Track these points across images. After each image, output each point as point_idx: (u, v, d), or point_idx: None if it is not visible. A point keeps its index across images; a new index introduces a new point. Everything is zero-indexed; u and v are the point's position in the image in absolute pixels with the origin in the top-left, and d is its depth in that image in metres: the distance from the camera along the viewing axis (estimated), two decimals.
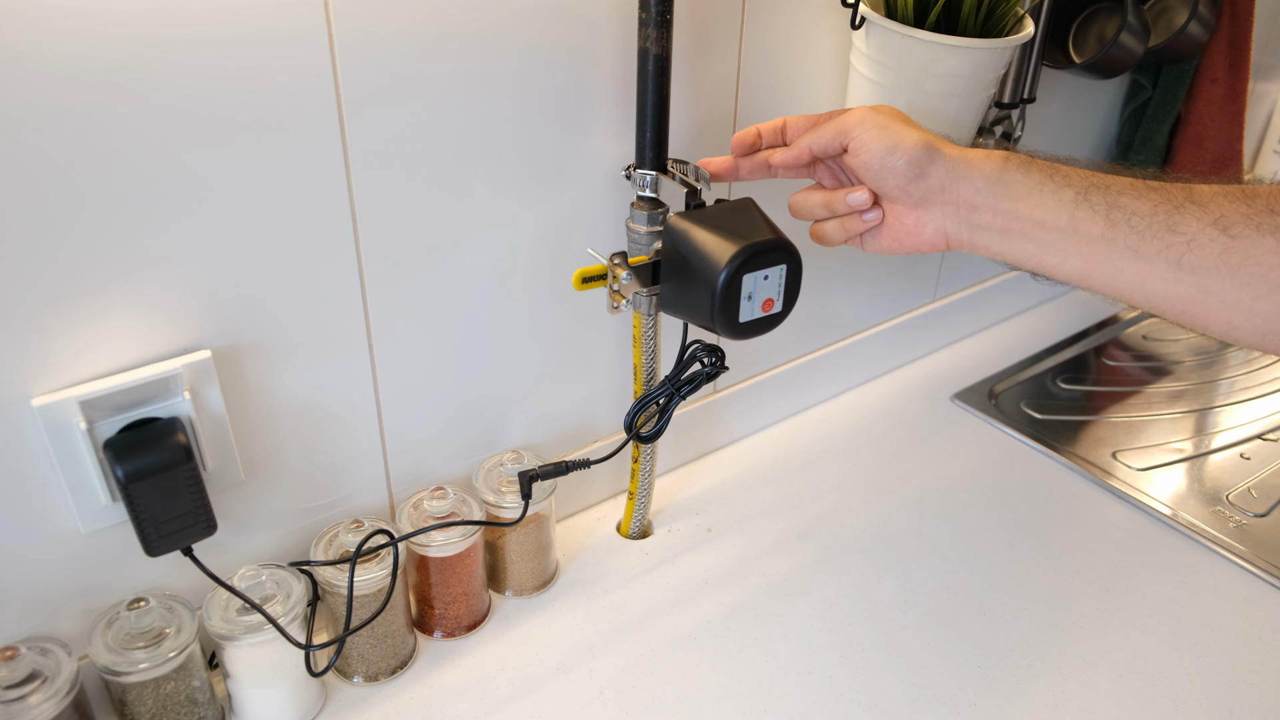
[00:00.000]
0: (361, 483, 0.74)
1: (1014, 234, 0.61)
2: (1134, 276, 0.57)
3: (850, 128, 0.64)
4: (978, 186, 0.61)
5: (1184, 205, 0.55)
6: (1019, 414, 1.08)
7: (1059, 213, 0.59)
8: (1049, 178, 0.60)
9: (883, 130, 0.63)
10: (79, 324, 0.57)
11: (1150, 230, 0.56)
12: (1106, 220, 0.57)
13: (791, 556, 0.86)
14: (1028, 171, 0.60)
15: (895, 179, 0.63)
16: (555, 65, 0.68)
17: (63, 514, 0.61)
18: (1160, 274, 0.56)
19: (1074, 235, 0.59)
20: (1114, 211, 0.57)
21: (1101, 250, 0.58)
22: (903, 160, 0.62)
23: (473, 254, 0.71)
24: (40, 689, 0.59)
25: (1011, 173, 0.60)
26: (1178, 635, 0.79)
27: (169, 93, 0.54)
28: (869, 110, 0.65)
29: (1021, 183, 0.60)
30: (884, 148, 0.62)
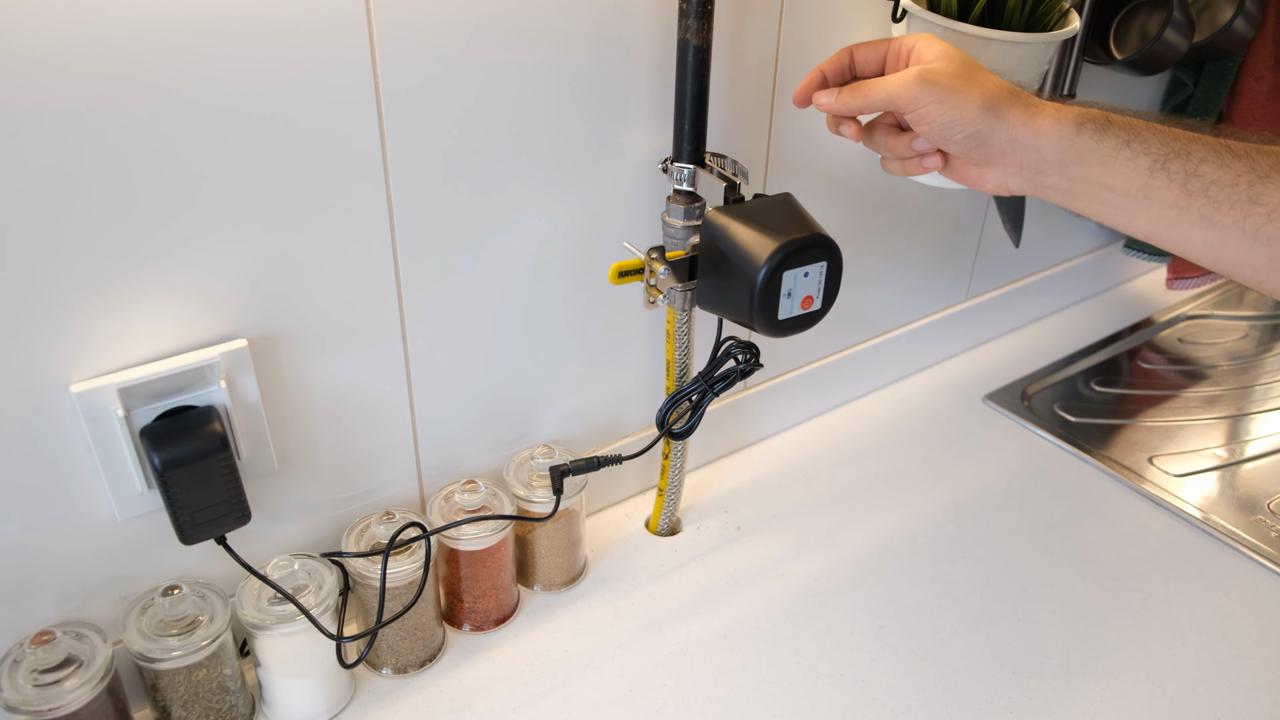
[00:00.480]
0: (393, 474, 0.74)
1: (1081, 195, 0.59)
2: (1204, 243, 0.55)
3: (907, 102, 0.60)
4: (1044, 154, 0.59)
5: (1269, 175, 0.52)
6: (1052, 416, 1.06)
7: (1132, 180, 0.56)
8: (1125, 144, 0.56)
9: (941, 104, 0.59)
10: (117, 311, 0.57)
11: (1229, 200, 0.53)
12: (1183, 189, 0.55)
13: (822, 557, 0.85)
14: (1101, 138, 0.57)
15: (955, 148, 0.61)
16: (593, 56, 0.68)
17: (99, 500, 0.61)
18: (1234, 242, 0.54)
19: (1146, 201, 0.56)
20: (1192, 180, 0.54)
21: (1174, 216, 0.56)
22: (961, 135, 0.60)
23: (507, 247, 0.71)
24: (75, 674, 0.60)
25: (1084, 141, 0.57)
26: (1218, 646, 0.77)
27: (210, 84, 0.54)
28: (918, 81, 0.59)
29: (1094, 150, 0.57)
30: (942, 124, 0.60)
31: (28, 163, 0.50)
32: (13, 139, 0.49)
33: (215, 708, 0.66)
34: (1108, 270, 1.28)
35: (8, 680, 0.59)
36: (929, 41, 0.62)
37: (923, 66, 0.60)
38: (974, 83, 0.60)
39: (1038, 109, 0.59)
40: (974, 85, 0.59)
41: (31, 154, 0.50)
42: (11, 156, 0.50)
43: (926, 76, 0.59)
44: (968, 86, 0.59)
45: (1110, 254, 1.25)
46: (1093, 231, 1.22)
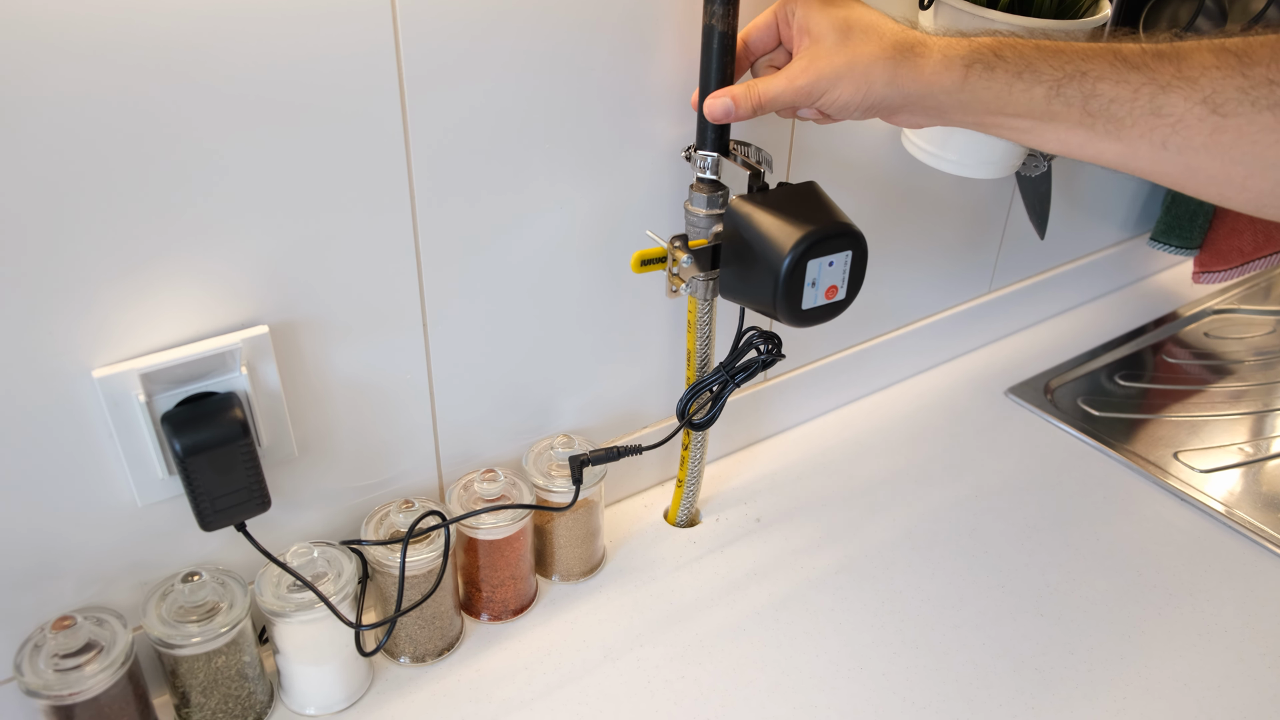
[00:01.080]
0: (412, 462, 0.74)
1: (989, 126, 0.59)
2: (1116, 156, 0.55)
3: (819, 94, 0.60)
4: (941, 101, 0.59)
5: (1171, 84, 0.51)
6: (1075, 410, 1.05)
7: (1031, 108, 0.56)
8: (1017, 76, 0.56)
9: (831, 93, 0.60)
10: (139, 296, 0.56)
11: (1131, 116, 0.52)
12: (1083, 110, 0.54)
13: (842, 549, 0.84)
14: (992, 76, 0.56)
15: (857, 118, 0.62)
16: (616, 42, 0.67)
17: (120, 486, 0.61)
18: (1144, 154, 0.53)
19: (1051, 123, 0.56)
20: (1091, 101, 0.54)
21: (1081, 136, 0.55)
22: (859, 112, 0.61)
23: (529, 234, 0.70)
24: (96, 659, 0.60)
25: (974, 82, 0.57)
26: (1245, 644, 0.76)
27: (231, 70, 0.53)
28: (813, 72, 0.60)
29: (987, 88, 0.57)
30: (839, 107, 0.60)
31: (50, 148, 0.50)
32: (34, 124, 0.49)
33: (234, 694, 0.66)
34: (1133, 263, 1.26)
35: (29, 665, 0.59)
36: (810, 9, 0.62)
37: (805, 65, 0.60)
38: (856, 54, 0.59)
39: (923, 58, 0.58)
40: (858, 58, 0.59)
41: (53, 139, 0.50)
42: (33, 141, 0.50)
43: (813, 74, 0.60)
44: (851, 63, 0.59)
45: (1136, 247, 1.24)
46: (1119, 224, 1.21)
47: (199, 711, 0.65)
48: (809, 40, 0.62)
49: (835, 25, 0.60)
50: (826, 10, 0.61)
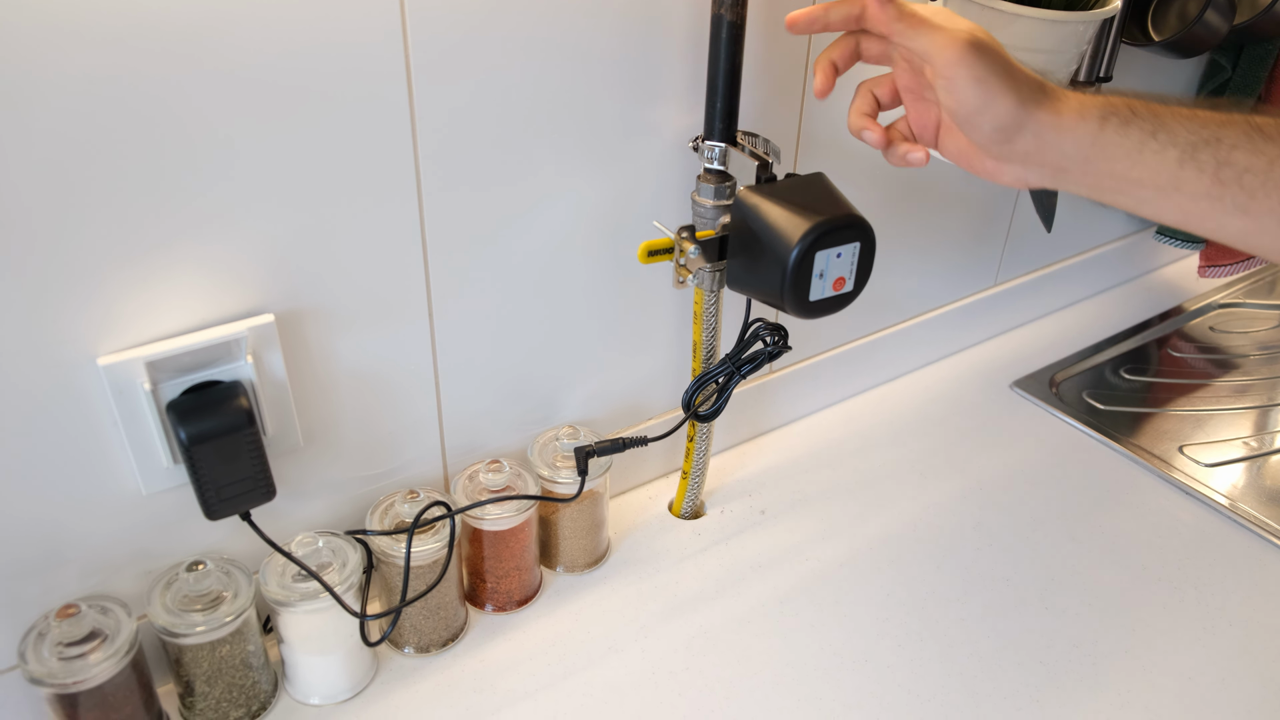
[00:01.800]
0: (417, 453, 0.74)
1: (1106, 189, 0.56)
2: (1239, 231, 0.53)
3: (943, 65, 0.55)
4: (1068, 152, 0.55)
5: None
6: (1080, 403, 1.05)
7: (1160, 172, 0.53)
8: (1151, 136, 0.53)
9: (979, 84, 0.54)
10: (144, 284, 0.56)
11: (1264, 188, 0.51)
12: (1214, 179, 0.52)
13: (847, 542, 0.84)
14: (1126, 132, 0.54)
15: (978, 136, 0.57)
16: (623, 32, 0.66)
17: (125, 475, 0.61)
18: (1271, 229, 0.51)
19: (1176, 193, 0.53)
20: (1224, 169, 0.52)
21: (1205, 207, 0.53)
22: (990, 125, 0.56)
23: (535, 224, 0.70)
24: (100, 647, 0.60)
25: (1109, 135, 0.54)
26: (1250, 638, 0.76)
27: (239, 56, 0.53)
28: (968, 48, 0.54)
29: (1119, 144, 0.54)
30: (974, 106, 0.55)
31: (56, 133, 0.50)
32: (41, 109, 0.49)
33: (238, 683, 0.66)
34: (1139, 257, 1.26)
35: (33, 653, 0.59)
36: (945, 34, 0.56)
37: (973, 34, 0.55)
38: (1009, 75, 0.55)
39: (1062, 102, 0.55)
40: (1009, 77, 0.55)
41: (60, 124, 0.50)
42: (40, 127, 0.49)
43: (979, 45, 0.54)
44: (1005, 75, 0.55)
45: (1142, 240, 1.23)
46: (1124, 218, 1.20)
47: (203, 700, 0.65)
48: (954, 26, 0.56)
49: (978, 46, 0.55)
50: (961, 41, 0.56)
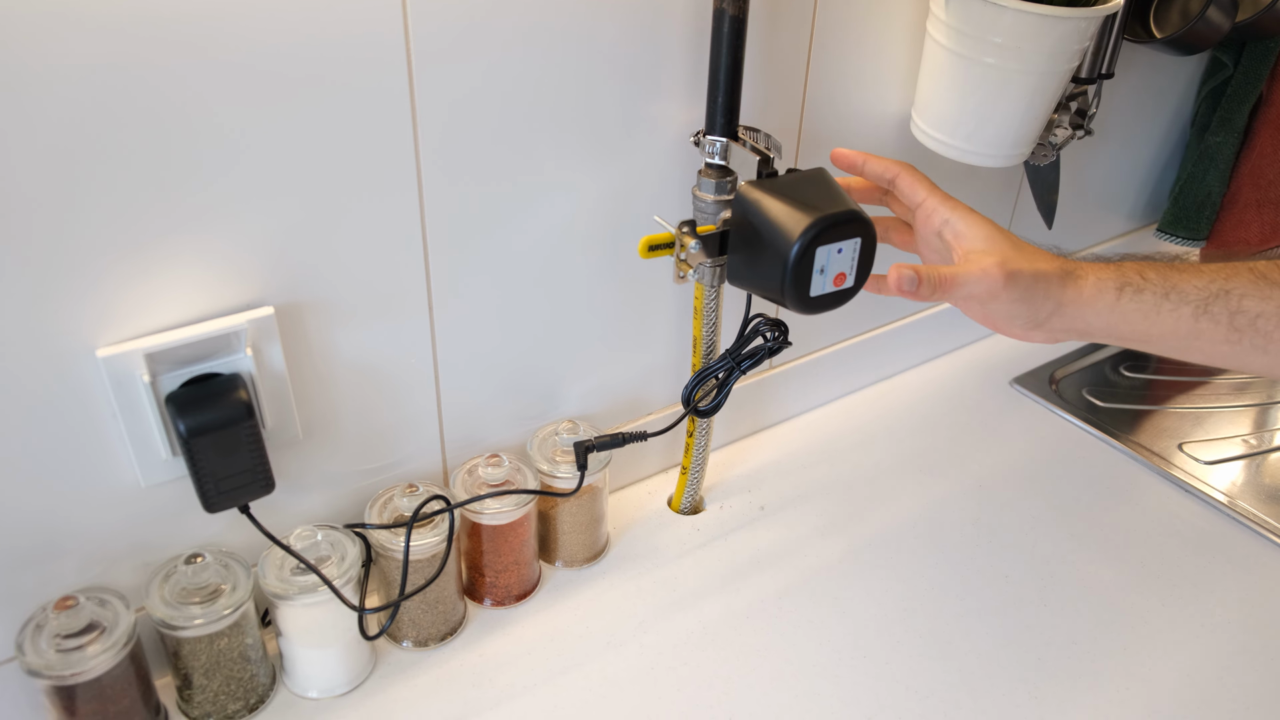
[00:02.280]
0: (416, 446, 0.74)
1: (1132, 344, 0.61)
2: (1264, 368, 0.58)
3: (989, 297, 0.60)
4: (1091, 322, 0.60)
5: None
6: (1080, 400, 1.05)
7: (1178, 328, 0.58)
8: (1164, 297, 0.58)
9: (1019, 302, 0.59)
10: (144, 276, 0.56)
11: (1279, 330, 0.55)
12: (1230, 327, 0.57)
13: (846, 538, 0.84)
14: (1141, 298, 0.58)
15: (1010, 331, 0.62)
16: (625, 25, 0.66)
17: (123, 467, 0.61)
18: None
19: (1196, 340, 0.58)
20: (1237, 318, 0.56)
21: (1225, 350, 0.58)
22: (1023, 325, 0.61)
23: (535, 218, 0.70)
24: (99, 639, 0.60)
25: (1125, 304, 0.59)
26: (1248, 635, 0.76)
27: (238, 45, 0.53)
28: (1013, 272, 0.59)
29: (1136, 310, 0.59)
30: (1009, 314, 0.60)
31: (55, 122, 0.50)
32: (40, 98, 0.49)
33: (236, 676, 0.66)
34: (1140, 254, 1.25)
35: (30, 645, 0.59)
36: (967, 219, 0.62)
37: (1003, 260, 0.59)
38: (1038, 267, 0.59)
39: (1082, 280, 0.60)
40: (1040, 270, 0.59)
41: (59, 113, 0.49)
42: (39, 116, 0.49)
43: (1014, 276, 0.58)
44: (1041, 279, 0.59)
45: (1143, 237, 1.23)
46: (1126, 215, 1.20)
47: (201, 693, 0.65)
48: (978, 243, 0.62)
49: (1005, 236, 0.62)
50: (987, 222, 0.62)
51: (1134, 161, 1.16)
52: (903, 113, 0.86)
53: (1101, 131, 1.05)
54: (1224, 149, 1.12)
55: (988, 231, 0.62)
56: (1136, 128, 1.12)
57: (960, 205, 0.64)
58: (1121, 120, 1.09)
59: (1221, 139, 1.12)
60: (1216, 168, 1.13)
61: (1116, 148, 1.11)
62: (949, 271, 0.60)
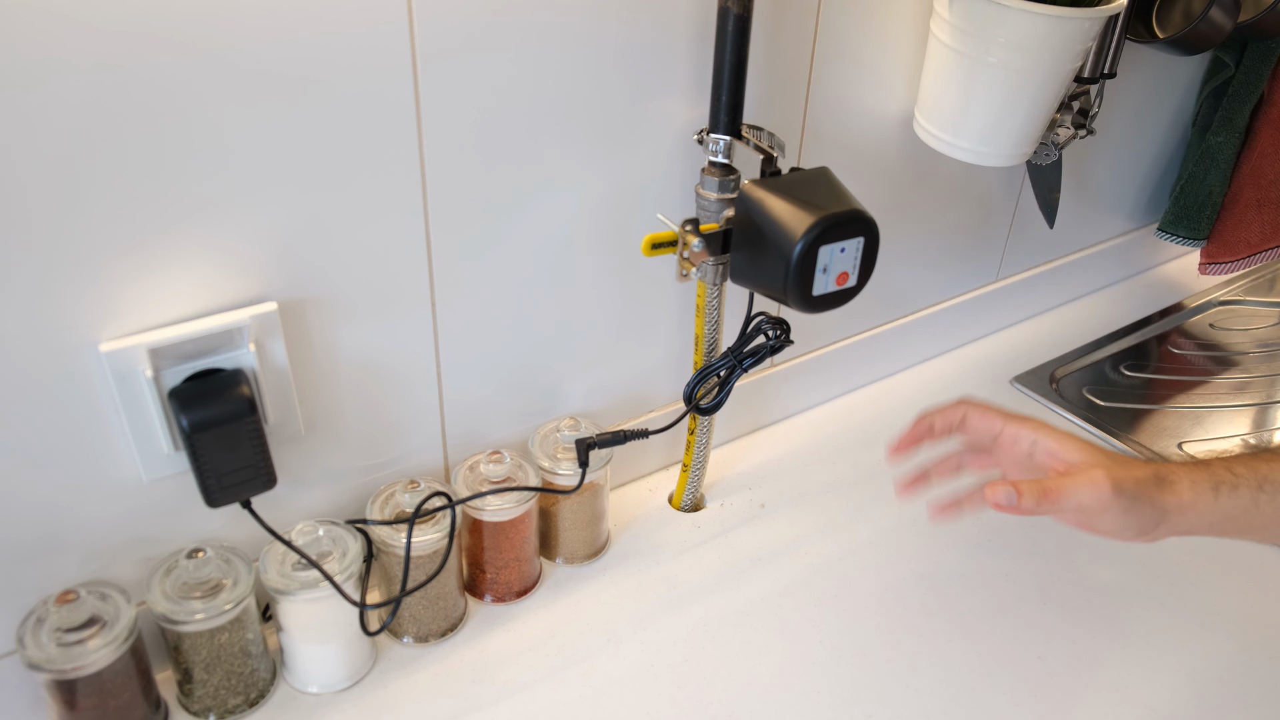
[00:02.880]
0: (418, 443, 0.74)
1: (1230, 534, 0.63)
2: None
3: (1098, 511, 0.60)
4: (1195, 525, 0.61)
5: None
6: (1081, 399, 1.05)
7: (1276, 516, 0.61)
8: (1259, 490, 0.60)
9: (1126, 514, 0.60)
10: (147, 271, 0.56)
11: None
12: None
13: (846, 536, 0.84)
14: (1237, 494, 0.60)
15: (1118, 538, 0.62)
16: (629, 23, 0.66)
17: (125, 461, 0.61)
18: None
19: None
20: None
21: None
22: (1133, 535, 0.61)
23: (538, 215, 0.70)
24: (99, 634, 0.60)
25: (1224, 502, 0.61)
26: (1248, 635, 0.76)
27: (243, 43, 0.53)
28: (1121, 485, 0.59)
29: (1235, 506, 0.61)
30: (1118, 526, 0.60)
31: (58, 119, 0.50)
32: (43, 95, 0.49)
33: (237, 671, 0.66)
34: (1140, 254, 1.26)
35: (31, 638, 0.59)
36: (1056, 437, 0.63)
37: (1108, 471, 0.60)
38: (1139, 477, 0.60)
39: (1175, 483, 0.61)
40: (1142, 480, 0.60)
41: (62, 111, 0.49)
42: (42, 113, 0.49)
43: (1120, 487, 0.59)
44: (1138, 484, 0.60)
45: (1143, 237, 1.23)
46: (1127, 214, 1.20)
47: (201, 688, 0.65)
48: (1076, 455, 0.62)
49: (1099, 449, 0.63)
50: (1077, 438, 0.63)
51: (1135, 161, 1.16)
52: (906, 111, 0.86)
53: (1103, 131, 1.05)
54: (1225, 149, 1.12)
55: (1082, 444, 0.63)
56: (1138, 127, 1.12)
57: (1043, 424, 0.65)
58: (1123, 119, 1.09)
59: (1223, 139, 1.12)
60: (1218, 167, 1.13)
61: (1118, 147, 1.11)
62: (1054, 484, 0.61)
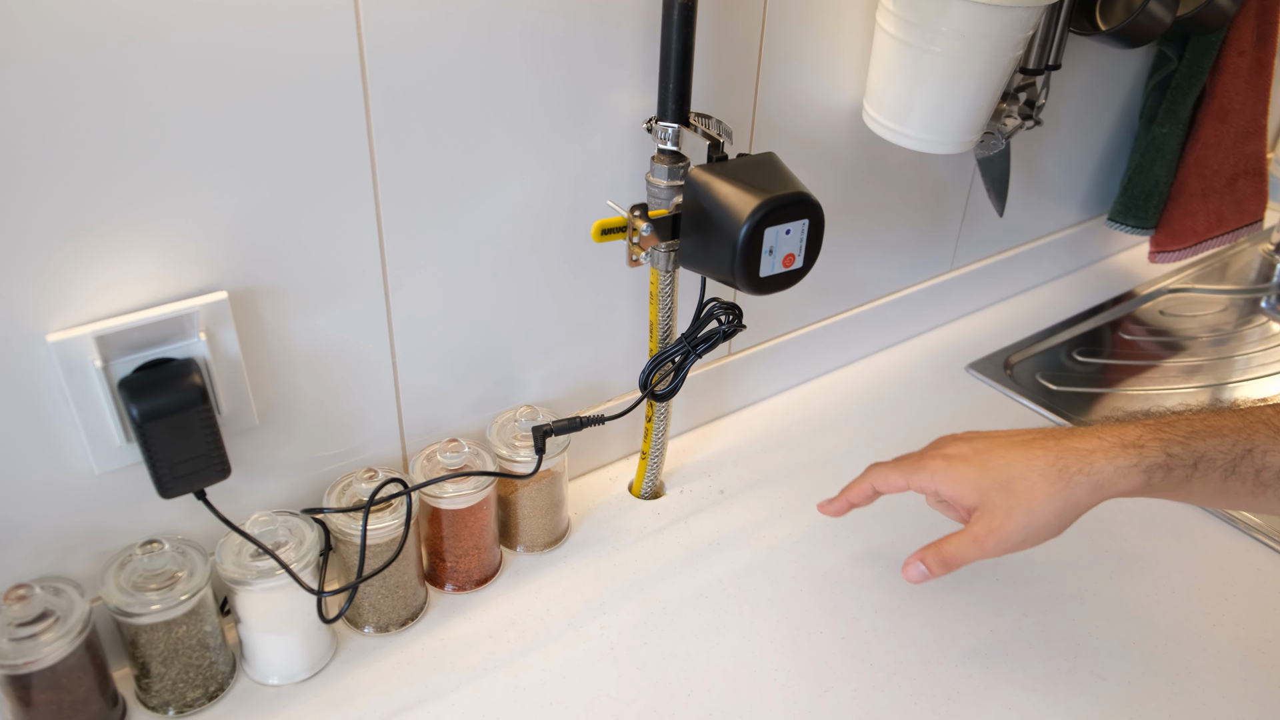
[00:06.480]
0: (375, 433, 0.74)
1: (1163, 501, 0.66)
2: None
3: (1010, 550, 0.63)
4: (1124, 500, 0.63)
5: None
6: (1034, 385, 1.07)
7: (1206, 490, 0.61)
8: (1193, 469, 0.60)
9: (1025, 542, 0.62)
10: (95, 260, 0.56)
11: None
12: (1255, 483, 0.60)
13: (804, 519, 0.85)
14: (1170, 477, 0.61)
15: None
16: (578, 13, 0.67)
17: (76, 454, 0.61)
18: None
19: (1224, 496, 0.62)
20: (1263, 473, 0.60)
21: (1250, 502, 0.61)
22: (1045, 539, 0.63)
23: (490, 204, 0.71)
24: (52, 628, 0.59)
25: (1156, 486, 0.61)
26: (1191, 604, 0.78)
27: (191, 31, 0.53)
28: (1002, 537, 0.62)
29: (1169, 489, 0.61)
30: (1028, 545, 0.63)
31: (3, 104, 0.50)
32: None
33: (195, 664, 0.66)
34: (1092, 243, 1.28)
35: None
36: (951, 481, 0.65)
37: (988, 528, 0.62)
38: (1033, 507, 0.61)
39: (1093, 473, 0.61)
40: (1035, 511, 0.61)
41: (8, 96, 0.49)
42: None
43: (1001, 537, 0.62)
44: (1030, 516, 0.61)
45: (1095, 227, 1.26)
46: (1078, 205, 1.23)
47: (159, 682, 0.65)
48: (976, 508, 0.64)
49: (992, 486, 0.63)
50: (970, 477, 0.64)
51: (1085, 152, 1.18)
52: (855, 102, 0.88)
53: (1053, 123, 1.08)
54: (1170, 140, 1.15)
55: (976, 481, 0.63)
56: (1087, 119, 1.15)
57: (938, 466, 0.66)
58: (1072, 112, 1.11)
59: (1167, 130, 1.15)
60: (1163, 158, 1.16)
61: (1067, 139, 1.14)
62: (948, 550, 0.64)
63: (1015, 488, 0.62)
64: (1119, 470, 0.61)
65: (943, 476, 0.65)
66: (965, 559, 0.64)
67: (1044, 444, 0.63)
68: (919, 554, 0.65)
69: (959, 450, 0.66)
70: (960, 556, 0.64)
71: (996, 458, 0.64)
